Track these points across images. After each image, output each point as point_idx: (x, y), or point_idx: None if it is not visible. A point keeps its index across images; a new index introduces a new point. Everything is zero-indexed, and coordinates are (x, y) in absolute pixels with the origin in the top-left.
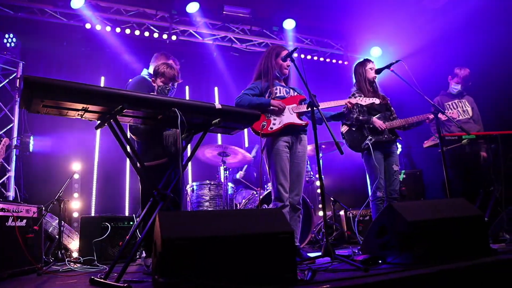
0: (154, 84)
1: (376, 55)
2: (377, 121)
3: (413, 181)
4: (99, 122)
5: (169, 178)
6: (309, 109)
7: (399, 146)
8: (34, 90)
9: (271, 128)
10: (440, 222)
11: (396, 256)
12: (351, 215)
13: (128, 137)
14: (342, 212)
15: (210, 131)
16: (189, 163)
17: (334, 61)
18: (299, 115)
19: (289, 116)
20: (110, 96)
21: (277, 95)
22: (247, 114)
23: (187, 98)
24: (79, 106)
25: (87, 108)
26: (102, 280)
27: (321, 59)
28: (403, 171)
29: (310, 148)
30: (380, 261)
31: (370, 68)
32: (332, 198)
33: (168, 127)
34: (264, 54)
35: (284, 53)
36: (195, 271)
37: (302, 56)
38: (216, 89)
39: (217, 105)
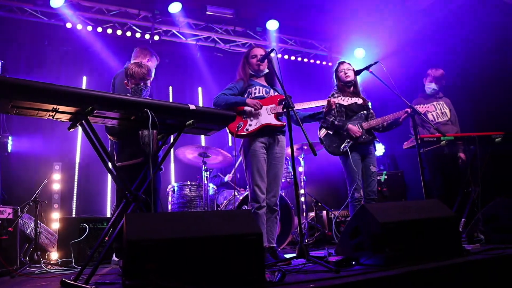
0: (127, 87)
1: (360, 56)
2: (352, 128)
3: (394, 182)
4: (71, 123)
5: (144, 178)
6: (285, 110)
7: (382, 147)
8: (0, 91)
9: (247, 130)
10: (412, 223)
11: (369, 257)
12: (333, 216)
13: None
14: (324, 213)
15: (185, 132)
16: (172, 164)
17: (318, 62)
18: (277, 115)
19: (267, 117)
20: (79, 96)
21: (256, 95)
22: (222, 115)
23: (171, 98)
24: (49, 106)
25: (58, 109)
26: (71, 282)
27: (305, 60)
28: (384, 172)
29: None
30: (353, 262)
31: (340, 70)
32: (314, 199)
33: (142, 128)
34: (243, 55)
35: (256, 51)
36: (161, 273)
37: (286, 57)
38: (200, 89)
39: (191, 106)
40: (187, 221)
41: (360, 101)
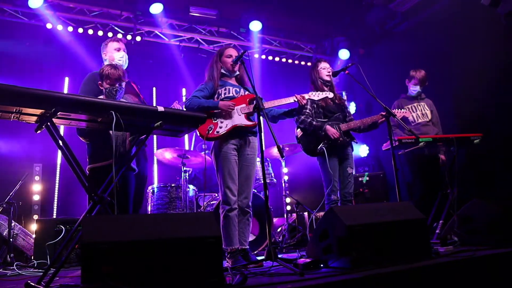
0: (101, 88)
1: (344, 57)
2: (330, 129)
3: (376, 183)
4: (38, 124)
5: (113, 179)
6: (255, 111)
7: (367, 148)
8: None
9: (217, 132)
10: (380, 225)
11: (335, 260)
12: (314, 217)
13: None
14: (306, 214)
15: (154, 133)
16: (155, 166)
17: (303, 63)
18: (248, 115)
19: (237, 118)
20: (41, 98)
21: (226, 96)
22: (191, 117)
23: (154, 99)
24: (11, 108)
25: (21, 111)
26: (34, 284)
27: (290, 61)
28: (366, 173)
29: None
30: (322, 265)
31: (323, 68)
32: (295, 200)
33: (110, 130)
34: (214, 54)
35: (231, 50)
36: (118, 276)
37: (270, 58)
38: (184, 90)
39: (159, 107)
40: (147, 223)
41: (331, 95)
